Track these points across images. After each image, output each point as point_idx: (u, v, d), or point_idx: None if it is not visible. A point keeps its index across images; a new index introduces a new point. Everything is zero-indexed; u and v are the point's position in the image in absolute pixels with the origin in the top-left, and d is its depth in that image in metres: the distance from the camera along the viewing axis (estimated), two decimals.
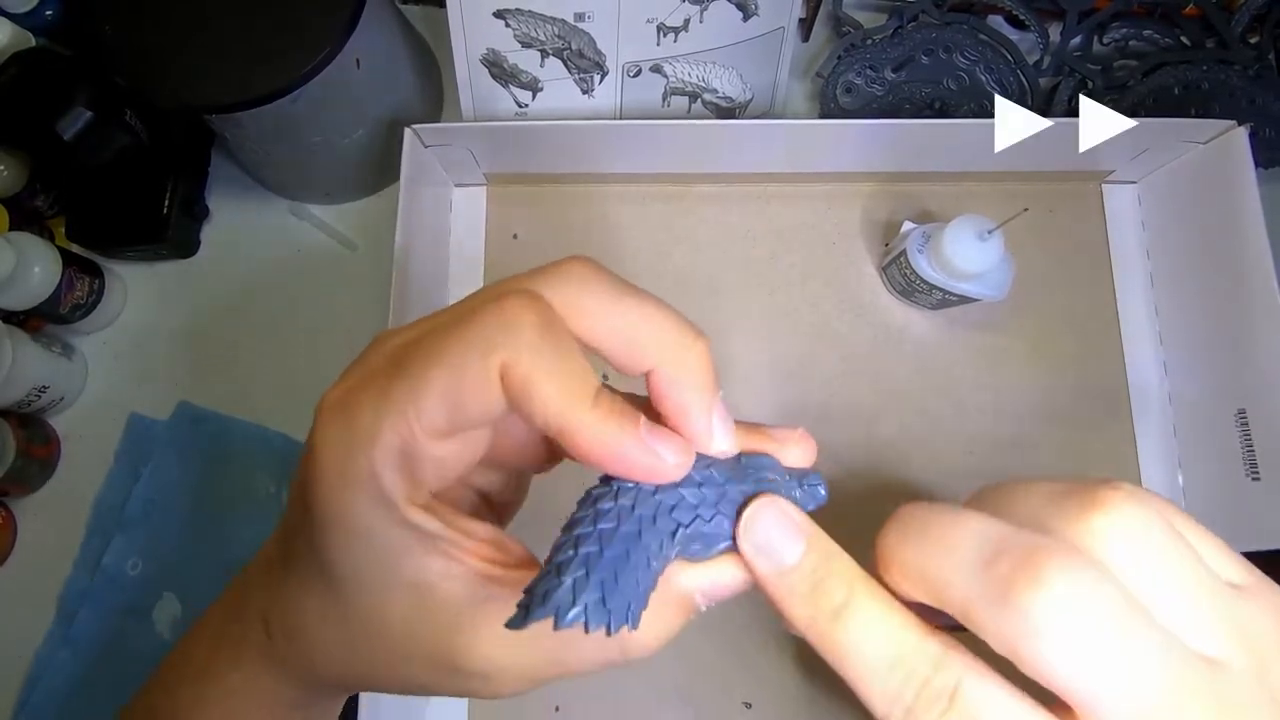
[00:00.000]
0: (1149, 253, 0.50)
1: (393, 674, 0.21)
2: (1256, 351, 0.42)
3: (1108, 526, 0.17)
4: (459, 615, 0.20)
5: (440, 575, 0.20)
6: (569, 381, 0.19)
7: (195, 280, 0.52)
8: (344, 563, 0.20)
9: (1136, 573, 0.17)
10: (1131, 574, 0.17)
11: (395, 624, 0.20)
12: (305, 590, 0.22)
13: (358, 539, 0.20)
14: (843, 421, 0.47)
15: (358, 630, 0.21)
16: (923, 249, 0.43)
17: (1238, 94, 0.50)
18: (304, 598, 0.22)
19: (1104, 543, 0.17)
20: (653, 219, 0.50)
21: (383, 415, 0.19)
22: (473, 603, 0.20)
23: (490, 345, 0.18)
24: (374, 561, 0.20)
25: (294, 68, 0.39)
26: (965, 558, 0.17)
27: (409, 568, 0.20)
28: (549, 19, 0.42)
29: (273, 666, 0.24)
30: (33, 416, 0.48)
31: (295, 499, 0.21)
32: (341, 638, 0.21)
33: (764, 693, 0.44)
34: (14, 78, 0.43)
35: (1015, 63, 0.50)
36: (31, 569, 0.47)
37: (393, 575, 0.20)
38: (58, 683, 0.45)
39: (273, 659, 0.23)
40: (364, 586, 0.20)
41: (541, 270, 0.20)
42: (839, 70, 0.50)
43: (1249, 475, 0.43)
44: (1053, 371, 0.48)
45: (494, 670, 0.20)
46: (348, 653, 0.22)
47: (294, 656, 0.23)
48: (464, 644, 0.20)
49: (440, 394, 0.19)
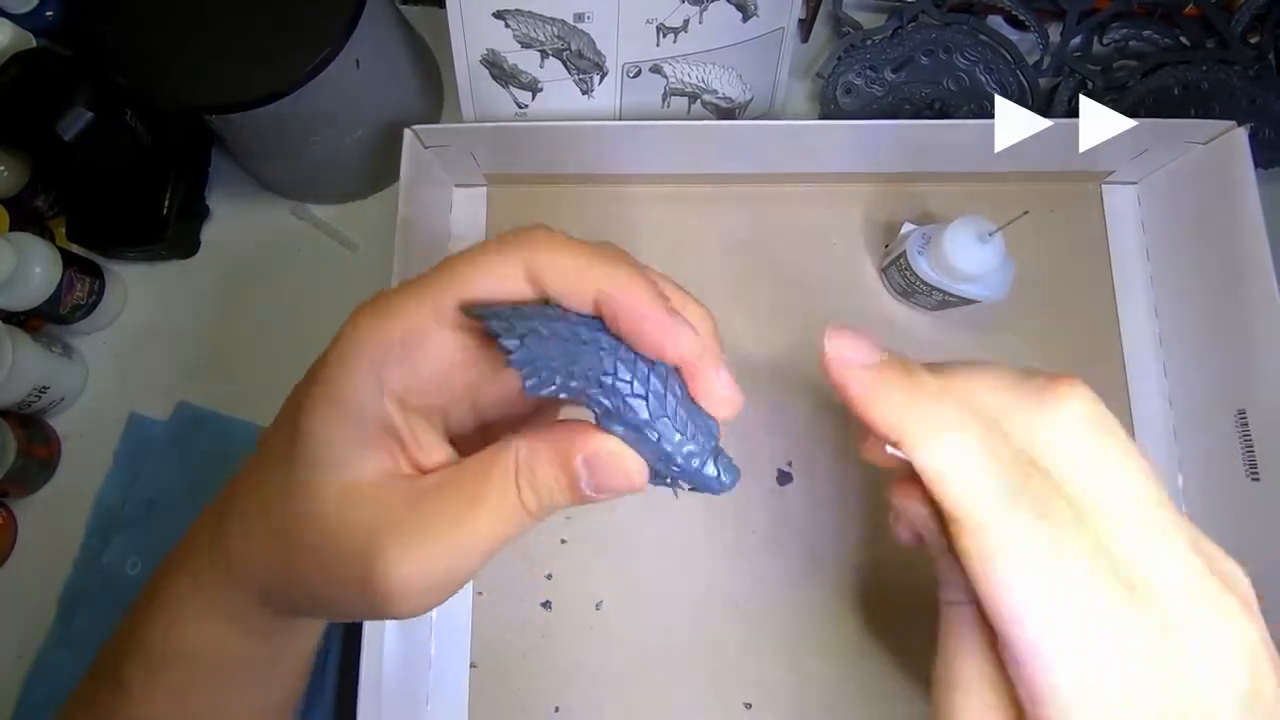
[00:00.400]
0: (1149, 253, 0.50)
1: (311, 571, 0.22)
2: (1256, 352, 0.42)
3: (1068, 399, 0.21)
4: (385, 517, 0.21)
5: (384, 469, 0.22)
6: (592, 252, 0.22)
7: (195, 280, 0.52)
8: (317, 433, 0.22)
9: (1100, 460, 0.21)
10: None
11: (327, 511, 0.21)
12: (262, 472, 0.24)
13: (338, 415, 0.22)
14: (842, 422, 0.47)
15: (293, 513, 0.22)
16: (923, 250, 0.43)
17: (1238, 94, 0.50)
18: (258, 481, 0.24)
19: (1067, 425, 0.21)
20: (653, 219, 0.50)
21: (402, 298, 0.22)
22: (402, 504, 0.21)
23: (515, 246, 0.22)
24: (344, 439, 0.22)
25: (294, 68, 0.39)
26: (1003, 378, 0.22)
27: (362, 451, 0.22)
28: (549, 19, 0.42)
29: (216, 567, 0.25)
30: (33, 417, 0.48)
31: (298, 387, 0.24)
32: (278, 524, 0.23)
33: (764, 693, 0.44)
34: (14, 78, 0.43)
35: (1015, 63, 0.50)
36: (31, 569, 0.47)
37: (348, 454, 0.21)
38: (58, 683, 0.45)
39: (216, 559, 0.25)
40: (317, 461, 0.22)
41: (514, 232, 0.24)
42: (839, 71, 0.50)
43: (1249, 476, 0.43)
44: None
45: (407, 573, 0.21)
46: (278, 542, 0.23)
47: (235, 550, 0.24)
48: (381, 551, 0.21)
49: (469, 283, 0.22)
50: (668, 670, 0.44)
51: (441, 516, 0.21)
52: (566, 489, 0.22)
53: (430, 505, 0.21)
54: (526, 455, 0.22)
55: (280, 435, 0.23)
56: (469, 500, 0.21)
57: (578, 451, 0.22)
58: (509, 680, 0.44)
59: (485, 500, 0.21)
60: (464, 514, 0.21)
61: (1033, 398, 0.21)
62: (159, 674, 0.25)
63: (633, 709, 0.44)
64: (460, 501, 0.21)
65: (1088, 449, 0.20)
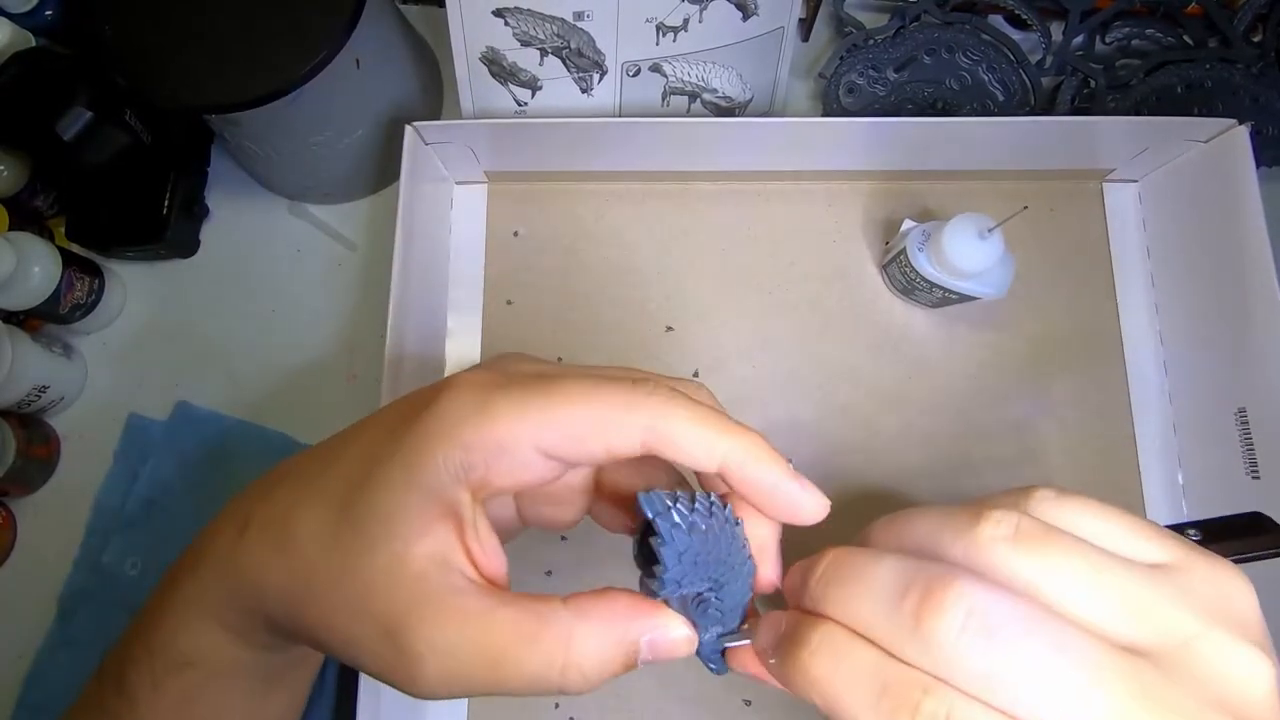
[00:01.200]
0: (1149, 251, 0.50)
1: (334, 619, 0.22)
2: (1257, 350, 0.42)
3: (991, 536, 0.19)
4: (431, 593, 0.21)
5: (440, 551, 0.21)
6: (720, 422, 0.22)
7: (195, 280, 0.52)
8: (383, 495, 0.22)
9: (1034, 574, 0.18)
10: (1029, 576, 0.18)
11: (372, 569, 0.21)
12: (315, 500, 0.23)
13: (414, 483, 0.21)
14: (842, 419, 0.47)
15: (336, 559, 0.22)
16: (923, 247, 0.43)
17: (1240, 92, 0.50)
18: (297, 513, 0.23)
19: (993, 554, 0.19)
20: (653, 217, 0.50)
21: (516, 408, 0.22)
22: (448, 592, 0.21)
23: (639, 405, 0.22)
24: (409, 507, 0.21)
25: (294, 68, 0.39)
26: (882, 598, 0.19)
27: (426, 531, 0.21)
28: (548, 18, 0.42)
29: (226, 580, 0.24)
30: (33, 416, 0.48)
31: (375, 426, 0.24)
32: (315, 557, 0.22)
33: (763, 690, 0.44)
34: (14, 78, 0.43)
35: (1018, 62, 0.50)
36: (31, 569, 0.47)
37: (410, 528, 0.21)
38: (58, 683, 0.45)
39: (228, 573, 0.24)
40: (375, 526, 0.21)
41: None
42: (841, 71, 0.50)
43: (1249, 474, 0.43)
44: (1053, 370, 0.48)
45: (431, 654, 0.20)
46: (302, 582, 0.22)
47: (251, 572, 0.24)
48: (417, 619, 0.21)
49: (578, 424, 0.22)
50: (667, 666, 0.44)
51: (482, 645, 0.21)
52: (620, 667, 0.22)
53: (473, 627, 0.21)
54: (580, 645, 0.21)
55: (342, 469, 0.23)
56: (507, 652, 0.21)
57: (643, 634, 0.22)
58: None
59: (522, 662, 0.21)
60: (500, 659, 0.21)
61: (909, 619, 0.18)
62: (164, 680, 0.25)
63: (632, 706, 0.44)
64: (500, 645, 0.21)
65: (984, 658, 0.17)
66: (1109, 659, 0.17)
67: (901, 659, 0.18)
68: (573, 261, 0.50)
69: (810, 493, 0.23)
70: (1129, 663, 0.17)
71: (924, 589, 0.18)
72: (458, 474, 0.22)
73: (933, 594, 0.18)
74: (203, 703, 0.26)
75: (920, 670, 0.18)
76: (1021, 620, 0.17)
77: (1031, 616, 0.17)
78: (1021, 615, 0.17)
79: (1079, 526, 0.19)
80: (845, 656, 0.19)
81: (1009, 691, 0.17)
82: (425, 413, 0.23)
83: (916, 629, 0.18)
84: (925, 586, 0.18)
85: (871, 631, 0.19)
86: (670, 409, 0.22)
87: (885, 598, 0.19)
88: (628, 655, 0.21)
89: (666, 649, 0.22)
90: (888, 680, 0.18)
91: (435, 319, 0.48)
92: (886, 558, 0.20)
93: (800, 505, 0.22)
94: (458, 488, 0.22)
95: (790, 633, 0.20)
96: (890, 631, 0.18)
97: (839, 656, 0.19)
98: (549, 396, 0.22)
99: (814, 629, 0.20)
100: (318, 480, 0.23)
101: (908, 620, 0.18)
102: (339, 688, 0.43)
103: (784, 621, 0.21)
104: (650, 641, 0.22)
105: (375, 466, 0.22)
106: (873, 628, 0.19)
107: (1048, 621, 0.17)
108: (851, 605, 0.19)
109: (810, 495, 0.23)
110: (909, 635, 0.18)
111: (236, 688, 0.26)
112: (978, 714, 0.17)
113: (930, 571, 0.18)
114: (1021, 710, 0.17)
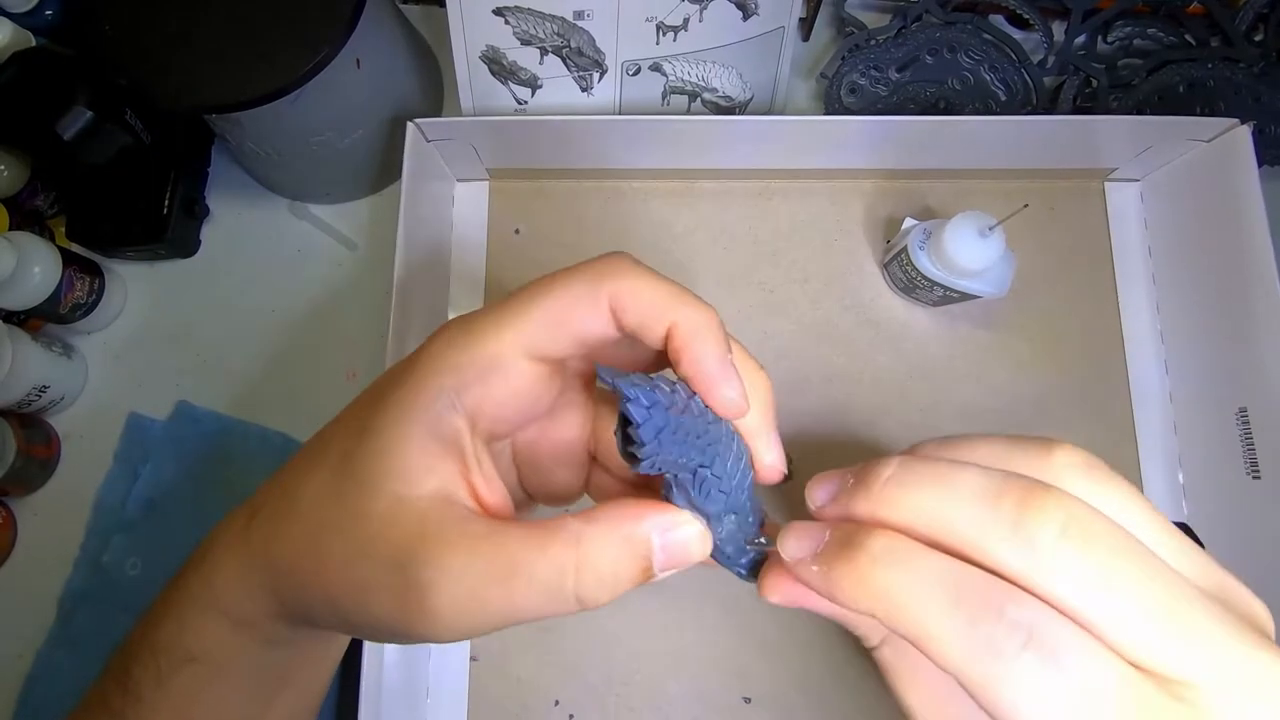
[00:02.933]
0: (1151, 251, 0.50)
1: (344, 570, 0.21)
2: (1258, 350, 0.42)
3: (1067, 463, 0.19)
4: (438, 526, 0.21)
5: (444, 488, 0.21)
6: (671, 287, 0.23)
7: (195, 280, 0.52)
8: (381, 439, 0.22)
9: (1111, 507, 0.18)
10: (1106, 507, 0.18)
11: (377, 511, 0.21)
12: (309, 469, 0.23)
13: (410, 418, 0.22)
14: (843, 418, 0.47)
15: (340, 510, 0.22)
16: (924, 245, 0.43)
17: (1243, 91, 0.50)
18: (303, 478, 0.23)
19: (1070, 482, 0.19)
20: (655, 214, 0.50)
21: (494, 319, 0.23)
22: (454, 521, 0.21)
23: (599, 276, 0.23)
24: (408, 444, 0.21)
25: (294, 68, 0.39)
26: (973, 501, 0.18)
27: (429, 468, 0.21)
28: (548, 16, 0.42)
29: (232, 564, 0.24)
30: (33, 416, 0.48)
31: (365, 394, 0.24)
32: (316, 518, 0.22)
33: (763, 687, 0.44)
34: (14, 78, 0.43)
35: (1020, 62, 0.50)
36: (31, 569, 0.47)
37: (410, 465, 0.21)
38: (58, 683, 0.45)
39: (233, 556, 0.24)
40: (378, 464, 0.21)
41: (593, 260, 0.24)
42: (843, 71, 0.50)
43: (1249, 474, 0.42)
44: (1054, 368, 0.48)
45: (442, 578, 0.20)
46: (311, 539, 0.22)
47: (260, 545, 0.24)
48: (425, 549, 0.20)
49: (550, 314, 0.22)
50: (667, 664, 0.44)
51: (491, 560, 0.20)
52: (637, 573, 0.21)
53: (482, 546, 0.20)
54: (590, 546, 0.20)
55: (339, 436, 0.23)
56: (518, 562, 0.20)
57: (655, 532, 0.21)
58: (509, 674, 0.44)
59: (534, 571, 0.20)
60: (511, 571, 0.20)
61: (1009, 518, 0.18)
62: (168, 676, 0.25)
63: (632, 702, 0.44)
64: (510, 558, 0.20)
65: (1081, 565, 0.17)
66: (1187, 586, 0.17)
67: (988, 564, 0.18)
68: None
69: (730, 384, 0.22)
70: (1201, 592, 0.17)
71: (1023, 492, 0.18)
72: (452, 400, 0.22)
73: (1034, 496, 0.18)
74: (207, 699, 0.25)
75: (1006, 577, 0.18)
76: (1120, 539, 0.17)
77: (1124, 536, 0.18)
78: (1115, 533, 0.17)
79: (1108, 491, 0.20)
80: (914, 562, 0.18)
81: (1097, 606, 0.17)
82: (415, 354, 0.23)
83: (1016, 530, 0.17)
84: (1024, 489, 0.18)
85: (955, 535, 0.18)
86: (632, 275, 0.23)
87: (978, 500, 0.18)
88: (642, 558, 0.21)
89: (681, 548, 0.21)
90: (967, 586, 0.18)
91: (436, 316, 0.48)
92: (969, 466, 0.19)
93: (721, 395, 0.22)
94: (454, 416, 0.22)
95: (844, 541, 0.19)
96: (983, 534, 0.18)
97: (909, 562, 0.18)
98: (522, 301, 0.23)
99: (876, 536, 0.19)
100: (318, 454, 0.24)
101: (1006, 521, 0.18)
102: (340, 680, 0.43)
103: (826, 530, 0.20)
104: (664, 543, 0.21)
105: (370, 419, 0.22)
106: (958, 531, 0.18)
107: (1136, 545, 0.18)
108: (935, 508, 0.19)
109: (730, 387, 0.22)
110: (1006, 536, 0.18)
111: (242, 685, 0.26)
112: (1060, 624, 0.17)
113: (1023, 480, 0.18)
114: (1107, 627, 0.17)
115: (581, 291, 0.23)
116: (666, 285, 0.23)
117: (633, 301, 0.22)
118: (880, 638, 0.24)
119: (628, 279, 0.23)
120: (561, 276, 0.23)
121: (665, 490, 0.22)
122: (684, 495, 0.22)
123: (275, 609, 0.24)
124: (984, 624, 0.17)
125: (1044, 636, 0.17)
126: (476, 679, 0.44)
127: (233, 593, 0.24)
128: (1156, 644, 0.17)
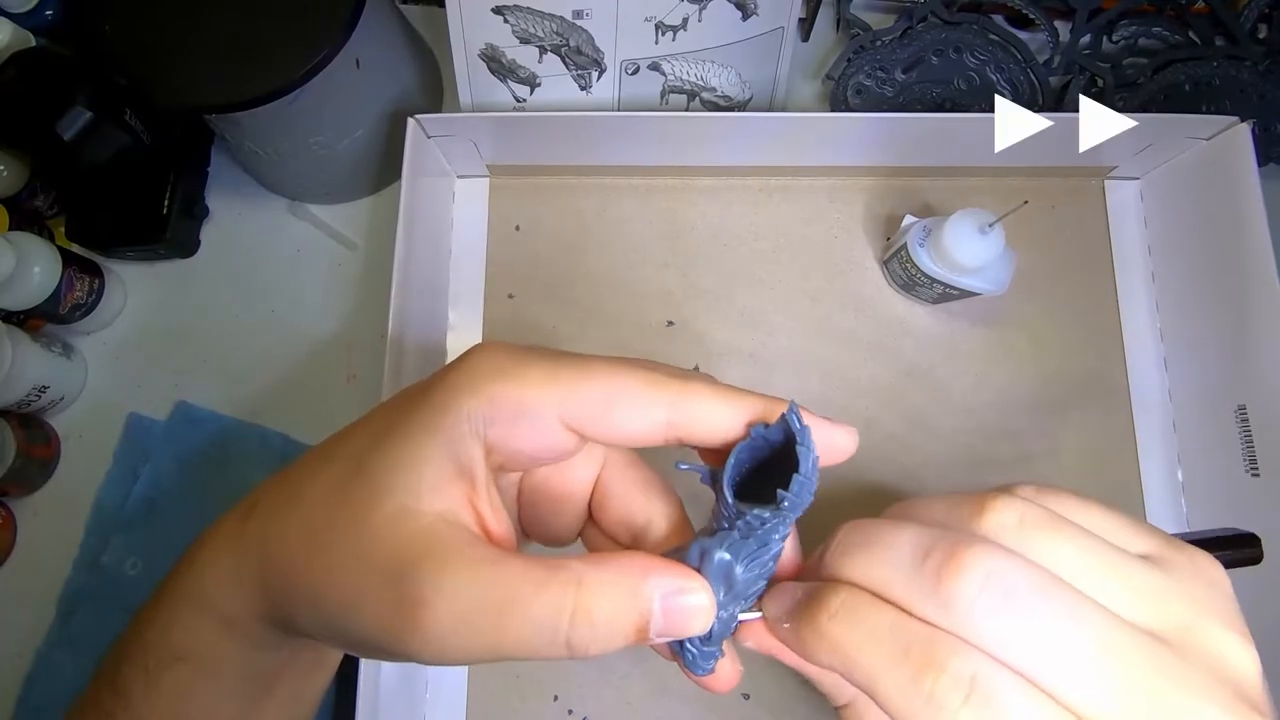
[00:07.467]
0: (1150, 249, 0.50)
1: (338, 573, 0.21)
2: (1257, 348, 0.42)
3: (999, 522, 0.19)
4: (439, 544, 0.20)
5: (450, 509, 0.21)
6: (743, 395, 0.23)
7: (195, 280, 0.52)
8: (400, 446, 0.21)
9: (1041, 555, 0.19)
10: (1037, 557, 0.19)
11: (380, 520, 0.21)
12: (328, 466, 0.23)
13: (433, 431, 0.21)
14: (843, 415, 0.47)
15: (344, 511, 0.21)
16: (924, 242, 0.43)
17: (1248, 90, 0.50)
18: (307, 476, 0.23)
19: (1002, 537, 0.19)
20: (655, 211, 0.50)
21: (547, 373, 0.22)
22: (456, 542, 0.20)
23: (677, 399, 0.22)
24: (425, 458, 0.21)
25: (294, 68, 0.39)
26: (903, 560, 0.19)
27: (438, 487, 0.21)
28: (547, 15, 0.42)
29: (231, 549, 0.24)
30: (33, 416, 0.48)
31: (394, 398, 0.24)
32: (323, 513, 0.22)
33: (762, 684, 0.44)
34: (14, 78, 0.43)
35: (1025, 62, 0.50)
36: (31, 569, 0.47)
37: (423, 481, 0.21)
38: (57, 682, 0.45)
39: (224, 552, 0.24)
40: (389, 478, 0.21)
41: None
42: (849, 73, 0.50)
43: (1249, 471, 0.42)
44: (1053, 366, 0.48)
45: (437, 598, 0.19)
46: (307, 538, 0.22)
47: (254, 540, 0.23)
48: (423, 566, 0.20)
49: (603, 405, 0.22)
50: (666, 660, 0.44)
51: (489, 587, 0.20)
52: (632, 631, 0.20)
53: (482, 572, 0.20)
54: (588, 592, 0.20)
55: (356, 438, 0.23)
56: (515, 596, 0.20)
57: (659, 589, 0.20)
58: (509, 670, 0.44)
59: (529, 608, 0.19)
60: (507, 604, 0.19)
61: (930, 576, 0.18)
62: (157, 676, 0.25)
63: (631, 698, 0.44)
64: (507, 589, 0.20)
65: (1003, 619, 0.18)
66: (1122, 630, 0.18)
67: (921, 619, 0.18)
68: (574, 256, 0.50)
69: (836, 429, 0.23)
70: (1141, 636, 0.18)
71: (946, 551, 0.18)
72: (477, 427, 0.22)
73: (955, 555, 0.18)
74: (195, 700, 0.25)
75: (943, 631, 0.18)
76: (1039, 587, 0.18)
77: (1049, 584, 0.18)
78: (1039, 582, 0.18)
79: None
80: (867, 618, 0.19)
81: (1024, 654, 0.17)
82: (451, 368, 0.23)
83: (937, 588, 0.18)
84: (947, 549, 0.18)
85: (890, 592, 0.19)
86: (693, 387, 0.22)
87: (906, 559, 0.19)
88: (640, 614, 0.20)
89: (681, 616, 0.20)
90: (912, 641, 0.18)
91: (436, 312, 0.48)
92: (906, 525, 0.20)
93: (833, 445, 0.23)
94: (474, 443, 0.22)
95: (808, 599, 0.20)
96: (910, 592, 0.19)
97: (860, 618, 0.19)
98: (578, 369, 0.22)
99: (834, 593, 0.20)
100: (331, 453, 0.23)
101: (929, 580, 0.18)
102: (338, 676, 0.43)
103: (799, 589, 0.21)
104: (665, 606, 0.20)
105: (392, 427, 0.22)
106: (891, 588, 0.19)
107: (1063, 591, 0.18)
108: (872, 567, 0.20)
109: (843, 434, 0.23)
110: (929, 594, 0.18)
111: (229, 687, 0.26)
112: (1001, 676, 0.17)
113: (951, 537, 0.19)
114: (1038, 674, 0.17)
115: (643, 390, 0.22)
116: (734, 393, 0.23)
117: (704, 433, 0.22)
118: (847, 698, 0.23)
119: (695, 395, 0.22)
120: (628, 367, 0.23)
121: (697, 547, 0.21)
122: (709, 571, 0.21)
123: (264, 608, 0.24)
124: (927, 677, 0.18)
125: (984, 689, 0.17)
126: (476, 673, 0.44)
127: (222, 589, 0.24)
128: (1092, 691, 0.17)
